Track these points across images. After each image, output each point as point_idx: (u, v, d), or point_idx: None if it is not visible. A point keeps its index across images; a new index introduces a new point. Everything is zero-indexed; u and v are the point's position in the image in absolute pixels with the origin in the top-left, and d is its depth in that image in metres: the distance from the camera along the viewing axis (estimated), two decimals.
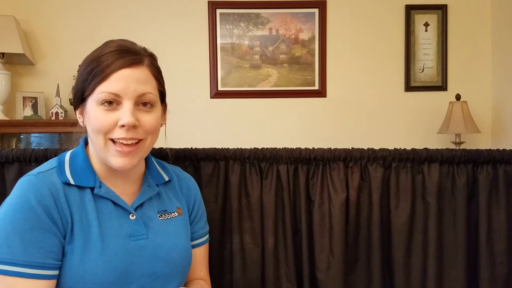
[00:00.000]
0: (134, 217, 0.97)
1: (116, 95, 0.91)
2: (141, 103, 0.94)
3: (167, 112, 1.07)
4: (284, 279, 1.28)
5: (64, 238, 0.89)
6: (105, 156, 0.93)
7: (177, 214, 1.05)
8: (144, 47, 1.01)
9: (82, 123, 0.97)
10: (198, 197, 1.15)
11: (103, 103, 0.91)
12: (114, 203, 0.96)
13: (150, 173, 1.05)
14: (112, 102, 0.91)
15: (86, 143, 1.02)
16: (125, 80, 0.91)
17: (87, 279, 0.87)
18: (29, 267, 0.84)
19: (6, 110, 2.84)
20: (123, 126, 0.91)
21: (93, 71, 0.91)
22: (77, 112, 0.98)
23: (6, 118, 2.77)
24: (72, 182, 0.93)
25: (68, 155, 0.99)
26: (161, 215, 1.02)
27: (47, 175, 0.92)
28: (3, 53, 2.77)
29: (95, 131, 0.92)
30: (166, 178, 1.08)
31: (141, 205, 1.00)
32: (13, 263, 0.83)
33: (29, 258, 0.84)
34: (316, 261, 1.28)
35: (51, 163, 0.97)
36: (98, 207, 0.94)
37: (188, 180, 1.15)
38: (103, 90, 0.90)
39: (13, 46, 2.69)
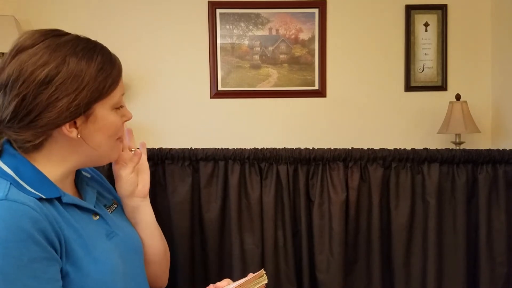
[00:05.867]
0: (97, 217, 0.92)
1: (123, 94, 0.93)
2: None
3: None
4: (284, 280, 1.28)
5: (61, 259, 0.80)
6: (109, 154, 0.94)
7: (116, 206, 1.03)
8: None
9: (78, 135, 0.85)
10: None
11: (117, 107, 0.90)
12: (79, 208, 0.88)
13: (78, 172, 0.98)
14: None
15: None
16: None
17: None
18: None
19: None
20: (124, 122, 0.94)
21: (111, 73, 0.86)
22: (69, 124, 0.83)
23: None
24: (43, 196, 0.80)
25: (7, 168, 0.82)
26: (108, 209, 0.99)
27: (16, 196, 0.77)
28: (3, 53, 2.77)
29: (112, 136, 0.91)
30: (88, 175, 1.03)
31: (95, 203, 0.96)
32: None
33: None
34: (316, 261, 1.28)
35: None
36: (72, 217, 0.85)
37: (98, 172, 1.11)
38: (120, 92, 0.90)
39: None
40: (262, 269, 0.96)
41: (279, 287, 1.28)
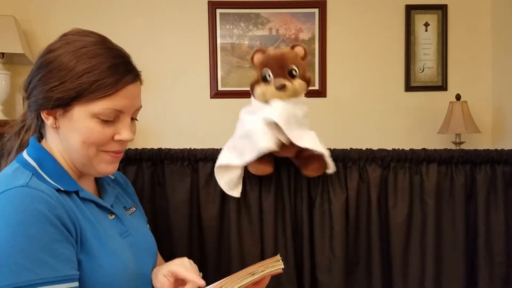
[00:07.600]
0: (113, 216, 0.95)
1: (120, 111, 0.87)
2: (132, 117, 0.92)
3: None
4: (284, 280, 1.28)
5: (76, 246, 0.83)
6: (92, 164, 0.89)
7: (135, 209, 1.05)
8: None
9: (54, 126, 0.87)
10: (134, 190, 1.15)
11: (102, 118, 0.86)
12: (96, 204, 0.92)
13: None
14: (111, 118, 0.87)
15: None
16: (130, 97, 0.88)
17: (107, 283, 0.84)
18: (60, 282, 0.76)
19: (6, 110, 2.83)
20: (120, 140, 0.89)
21: (98, 81, 0.84)
22: (45, 112, 0.87)
23: (6, 118, 2.77)
24: (61, 188, 0.85)
25: (30, 160, 0.87)
26: (127, 211, 1.02)
27: (36, 184, 0.82)
28: (3, 53, 2.77)
29: (86, 143, 0.86)
30: (112, 176, 1.06)
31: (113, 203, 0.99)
32: (42, 282, 0.74)
33: (58, 273, 0.76)
34: (316, 261, 1.28)
35: (22, 171, 0.85)
36: (89, 210, 0.88)
37: (123, 176, 1.14)
38: (108, 106, 0.85)
39: (13, 46, 2.69)
40: (278, 254, 0.97)
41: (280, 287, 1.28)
